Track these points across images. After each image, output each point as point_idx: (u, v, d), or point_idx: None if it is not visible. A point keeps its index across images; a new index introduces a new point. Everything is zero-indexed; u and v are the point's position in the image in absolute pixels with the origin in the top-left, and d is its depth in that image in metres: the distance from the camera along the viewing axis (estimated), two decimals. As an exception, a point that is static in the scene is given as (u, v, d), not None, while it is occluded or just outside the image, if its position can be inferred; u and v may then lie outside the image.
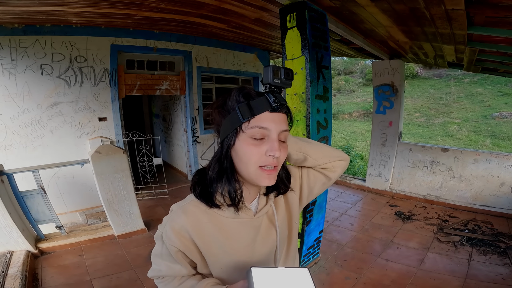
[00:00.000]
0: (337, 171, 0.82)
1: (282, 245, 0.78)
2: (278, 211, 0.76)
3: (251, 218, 0.71)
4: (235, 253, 0.70)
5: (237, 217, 0.69)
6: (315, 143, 0.81)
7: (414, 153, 4.23)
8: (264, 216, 0.74)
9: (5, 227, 2.62)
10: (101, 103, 4.06)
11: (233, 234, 0.69)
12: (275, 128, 0.62)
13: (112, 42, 4.04)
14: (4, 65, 3.42)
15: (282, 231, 0.76)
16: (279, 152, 0.62)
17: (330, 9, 2.18)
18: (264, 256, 0.74)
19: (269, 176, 0.64)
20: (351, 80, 20.21)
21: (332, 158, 0.80)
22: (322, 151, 0.80)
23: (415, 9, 1.90)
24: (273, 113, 0.63)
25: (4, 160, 3.27)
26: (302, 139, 0.80)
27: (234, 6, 2.93)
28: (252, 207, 0.73)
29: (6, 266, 2.48)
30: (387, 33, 2.80)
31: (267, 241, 0.74)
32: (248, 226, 0.71)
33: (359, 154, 9.92)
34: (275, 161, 0.63)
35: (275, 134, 0.63)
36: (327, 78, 2.16)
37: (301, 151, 0.76)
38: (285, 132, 0.65)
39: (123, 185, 3.05)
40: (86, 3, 2.94)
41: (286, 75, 0.64)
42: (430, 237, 3.06)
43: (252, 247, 0.72)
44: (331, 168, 0.81)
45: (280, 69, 0.63)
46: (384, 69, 4.28)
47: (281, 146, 0.64)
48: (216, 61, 5.27)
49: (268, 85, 0.63)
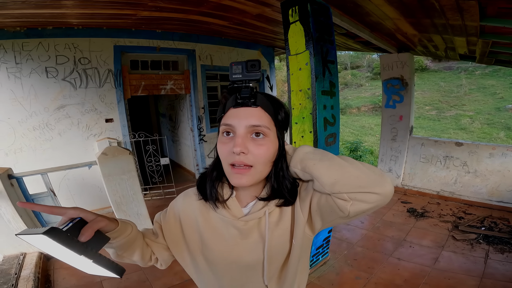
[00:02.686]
0: (358, 206, 0.55)
1: (273, 261, 0.69)
2: (278, 223, 0.68)
3: (233, 219, 0.68)
4: (212, 247, 0.70)
5: (220, 214, 0.69)
6: (337, 161, 0.57)
7: (427, 148, 4.10)
8: (256, 222, 0.68)
9: (17, 229, 2.63)
10: (107, 104, 4.08)
11: (215, 229, 0.70)
12: (238, 123, 0.60)
13: (114, 43, 4.04)
14: (9, 69, 3.45)
15: (275, 245, 0.68)
16: (238, 148, 0.58)
17: (334, 2, 2.10)
18: (246, 264, 0.70)
19: (238, 176, 0.61)
20: (358, 74, 19.91)
21: (351, 188, 0.54)
22: (339, 175, 0.55)
23: (423, 0, 1.81)
24: (238, 108, 0.61)
25: (14, 164, 3.31)
26: (320, 153, 0.61)
27: (234, 2, 2.88)
28: (246, 210, 0.69)
29: (19, 268, 2.52)
30: (395, 26, 2.69)
31: (253, 250, 0.68)
32: (230, 226, 0.69)
33: (369, 149, 9.78)
34: (242, 159, 0.59)
35: (240, 129, 0.60)
36: (334, 73, 2.08)
37: (306, 170, 0.60)
38: (257, 127, 0.60)
39: (131, 186, 3.04)
40: (84, 4, 2.93)
41: (250, 66, 0.61)
42: (445, 235, 2.96)
43: (232, 248, 0.69)
44: (348, 200, 0.55)
45: (242, 63, 0.61)
46: (393, 62, 4.16)
47: (255, 142, 0.60)
48: (220, 59, 5.23)
49: (231, 82, 0.62)
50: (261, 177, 0.64)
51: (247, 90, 0.61)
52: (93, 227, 0.51)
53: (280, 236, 0.68)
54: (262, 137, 0.61)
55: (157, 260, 0.76)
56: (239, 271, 0.71)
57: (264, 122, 0.60)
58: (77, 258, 0.49)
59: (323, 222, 0.66)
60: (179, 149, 6.24)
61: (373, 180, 0.54)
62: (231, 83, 0.63)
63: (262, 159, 0.61)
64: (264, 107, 0.61)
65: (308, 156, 0.61)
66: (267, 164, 0.63)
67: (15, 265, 2.58)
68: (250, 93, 0.60)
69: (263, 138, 0.61)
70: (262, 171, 0.63)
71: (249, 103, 0.60)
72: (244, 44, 5.45)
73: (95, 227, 0.52)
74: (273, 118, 0.63)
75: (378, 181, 0.54)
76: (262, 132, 0.60)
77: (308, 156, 0.61)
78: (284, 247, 0.69)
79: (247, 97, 0.60)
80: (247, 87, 0.61)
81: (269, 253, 0.68)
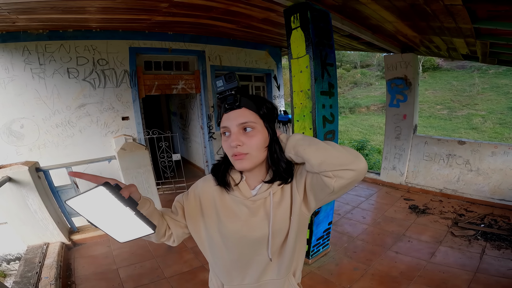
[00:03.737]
0: (340, 182, 0.69)
1: (276, 235, 0.83)
2: (280, 202, 0.82)
3: (244, 198, 0.83)
4: (226, 223, 0.83)
5: (232, 194, 0.84)
6: (322, 145, 0.71)
7: (430, 146, 4.17)
8: (262, 202, 0.82)
9: (42, 220, 2.85)
10: (123, 103, 4.33)
11: (229, 208, 0.84)
12: (231, 124, 0.76)
13: (130, 44, 4.27)
14: (33, 70, 3.72)
15: (278, 222, 0.82)
16: (235, 142, 0.74)
17: (334, 7, 2.23)
18: (254, 238, 0.83)
19: (239, 161, 0.77)
20: (367, 73, 19.71)
21: (334, 166, 0.68)
22: (324, 156, 0.69)
23: (415, 5, 1.92)
24: (228, 113, 0.77)
25: (38, 158, 3.54)
26: (309, 139, 0.75)
27: (241, 8, 3.04)
28: (254, 192, 0.84)
29: (42, 257, 2.67)
30: (394, 28, 2.79)
31: (260, 226, 0.82)
32: (241, 205, 0.83)
33: (376, 148, 9.77)
34: (239, 149, 0.75)
35: (233, 128, 0.76)
36: (332, 75, 2.23)
37: (298, 154, 0.74)
38: (245, 123, 0.75)
39: (146, 180, 3.26)
40: (105, 10, 3.16)
41: (227, 79, 0.77)
42: (444, 231, 3.04)
43: (242, 224, 0.83)
44: (332, 176, 0.69)
45: (221, 77, 0.78)
46: (396, 62, 4.24)
47: (246, 135, 0.76)
48: (229, 59, 5.41)
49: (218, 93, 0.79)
50: (258, 160, 0.78)
51: (231, 97, 0.76)
52: (129, 189, 0.64)
53: (282, 213, 0.82)
54: (251, 130, 0.76)
55: (170, 236, 0.87)
56: (248, 245, 0.84)
57: (250, 118, 0.76)
58: (118, 217, 0.59)
59: (316, 200, 0.80)
60: (189, 146, 6.47)
61: (350, 159, 0.68)
62: (218, 94, 0.79)
63: (254, 146, 0.76)
64: (247, 107, 0.76)
65: (299, 143, 0.74)
66: (260, 149, 0.77)
67: (39, 254, 2.72)
68: (233, 99, 0.76)
69: (251, 130, 0.76)
70: (257, 156, 0.77)
71: (235, 106, 0.76)
72: (252, 45, 5.62)
73: (130, 190, 0.64)
74: (257, 113, 0.77)
75: (354, 160, 0.68)
76: (249, 126, 0.75)
77: (299, 143, 0.74)
78: (285, 224, 0.82)
79: (231, 102, 0.76)
80: (230, 94, 0.77)
81: (273, 228, 0.81)
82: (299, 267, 0.94)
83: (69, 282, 2.44)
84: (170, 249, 2.88)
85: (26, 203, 2.74)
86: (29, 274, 2.37)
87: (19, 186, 2.68)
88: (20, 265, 2.55)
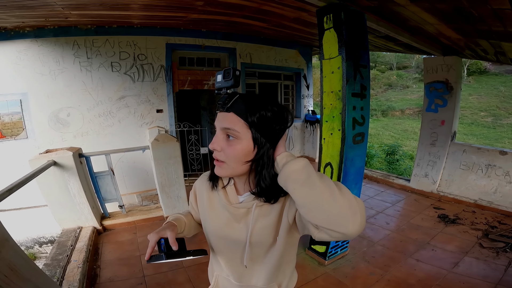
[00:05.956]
0: (323, 236, 0.60)
1: (255, 246, 0.79)
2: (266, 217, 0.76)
3: (228, 204, 0.79)
4: (209, 220, 0.85)
5: (219, 195, 0.82)
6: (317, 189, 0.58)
7: (468, 155, 3.91)
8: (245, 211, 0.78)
9: (79, 204, 2.96)
10: (158, 96, 4.59)
11: (214, 206, 0.84)
12: (218, 125, 0.70)
13: (166, 41, 4.49)
14: (81, 63, 4.06)
15: (258, 234, 0.77)
16: (213, 146, 0.70)
17: (369, 8, 2.17)
18: (232, 241, 0.82)
19: (216, 167, 0.73)
20: (404, 75, 18.76)
21: (320, 222, 0.58)
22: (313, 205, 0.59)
23: (459, 8, 1.82)
24: (220, 113, 0.70)
25: (80, 145, 3.87)
26: (307, 175, 0.60)
27: (273, 8, 3.07)
28: (242, 198, 0.79)
29: (75, 240, 2.76)
30: (436, 30, 2.65)
31: (239, 233, 0.79)
32: (224, 209, 0.81)
33: (408, 154, 9.33)
34: (216, 154, 0.71)
35: (218, 130, 0.71)
36: (365, 77, 2.19)
37: (287, 190, 0.63)
38: (228, 129, 0.67)
39: (175, 170, 3.37)
40: (146, 7, 3.36)
41: (225, 75, 0.71)
42: (472, 242, 2.88)
43: (223, 225, 0.82)
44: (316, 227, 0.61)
45: (221, 72, 0.71)
46: (438, 65, 4.01)
47: (228, 142, 0.69)
48: (259, 57, 5.47)
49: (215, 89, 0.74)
50: (234, 173, 0.72)
51: (224, 97, 0.69)
52: (173, 239, 0.70)
53: (265, 228, 0.76)
54: (233, 139, 0.68)
55: None
56: (226, 246, 0.84)
57: (234, 126, 0.66)
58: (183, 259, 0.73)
59: (304, 232, 0.73)
60: (217, 141, 6.64)
61: (343, 218, 0.56)
62: (216, 90, 0.74)
63: (231, 158, 0.69)
64: (237, 112, 0.66)
65: (293, 177, 0.61)
66: (238, 162, 0.69)
67: (71, 237, 2.79)
68: (224, 100, 0.68)
69: (233, 139, 0.68)
70: (234, 168, 0.70)
71: (224, 108, 0.68)
72: (282, 43, 5.63)
73: (174, 239, 0.70)
74: (246, 121, 0.66)
75: (347, 221, 0.56)
76: (231, 135, 0.68)
77: (292, 177, 0.61)
78: (267, 238, 0.77)
79: (221, 104, 0.69)
80: (225, 93, 0.71)
81: (251, 239, 0.77)
82: (287, 280, 0.89)
83: (94, 266, 2.53)
84: (191, 240, 3.01)
85: (67, 187, 2.87)
86: (59, 257, 2.43)
87: (62, 170, 2.81)
88: (53, 248, 2.64)
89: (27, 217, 3.93)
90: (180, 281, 2.32)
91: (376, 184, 4.82)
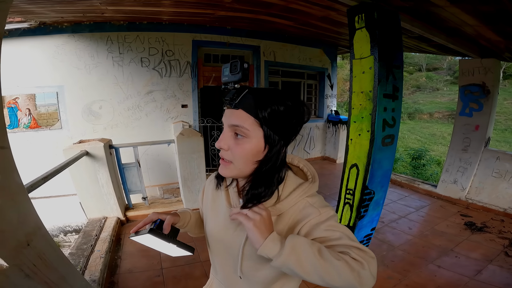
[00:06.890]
0: None
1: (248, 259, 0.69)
2: None
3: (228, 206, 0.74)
4: (209, 221, 0.81)
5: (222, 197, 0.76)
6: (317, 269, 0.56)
7: (502, 162, 3.68)
8: None
9: (107, 194, 3.02)
10: (184, 92, 4.70)
11: (216, 207, 0.79)
12: (224, 122, 0.65)
13: (193, 37, 4.59)
14: (114, 58, 4.24)
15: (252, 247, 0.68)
16: (220, 144, 0.64)
17: (403, 9, 2.09)
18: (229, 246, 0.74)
19: (222, 167, 0.67)
20: (434, 77, 17.87)
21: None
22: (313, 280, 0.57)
23: (502, 11, 1.71)
24: (226, 109, 0.65)
25: (110, 137, 4.01)
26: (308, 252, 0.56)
27: (301, 6, 3.03)
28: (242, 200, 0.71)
29: (99, 230, 2.80)
30: (475, 32, 2.50)
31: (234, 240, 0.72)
32: (224, 210, 0.75)
33: (435, 159, 8.93)
34: (223, 154, 0.65)
35: (225, 127, 0.65)
36: (398, 78, 2.12)
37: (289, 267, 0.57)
38: (236, 127, 0.62)
39: (197, 165, 3.44)
40: (176, 4, 3.43)
41: (232, 69, 0.64)
42: (498, 250, 2.74)
43: (221, 228, 0.76)
44: None
45: (228, 65, 0.66)
46: (474, 68, 3.79)
47: (236, 141, 0.63)
48: (283, 55, 5.44)
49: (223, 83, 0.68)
50: (241, 173, 0.66)
51: (231, 92, 0.64)
52: (168, 223, 0.71)
53: None
54: (241, 137, 0.62)
55: None
56: (223, 250, 0.77)
57: (243, 123, 0.61)
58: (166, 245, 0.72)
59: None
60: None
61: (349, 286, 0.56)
62: (223, 84, 0.68)
63: (238, 157, 0.63)
64: (246, 109, 0.61)
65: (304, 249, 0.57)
66: (246, 163, 0.64)
67: (97, 227, 2.84)
68: (232, 96, 0.63)
69: (241, 138, 0.62)
70: (241, 169, 0.65)
71: (232, 105, 0.63)
72: (306, 42, 5.56)
73: (169, 223, 0.71)
74: (256, 118, 0.60)
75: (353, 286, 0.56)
76: (240, 133, 0.62)
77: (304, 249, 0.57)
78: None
79: (228, 100, 0.63)
80: (233, 88, 0.64)
81: (244, 250, 0.69)
82: None
83: (116, 257, 2.57)
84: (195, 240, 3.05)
85: (97, 177, 2.95)
86: (84, 246, 2.47)
87: (93, 161, 2.90)
88: (79, 237, 2.68)
89: (54, 205, 4.08)
90: (197, 275, 2.35)
91: (400, 188, 4.66)
